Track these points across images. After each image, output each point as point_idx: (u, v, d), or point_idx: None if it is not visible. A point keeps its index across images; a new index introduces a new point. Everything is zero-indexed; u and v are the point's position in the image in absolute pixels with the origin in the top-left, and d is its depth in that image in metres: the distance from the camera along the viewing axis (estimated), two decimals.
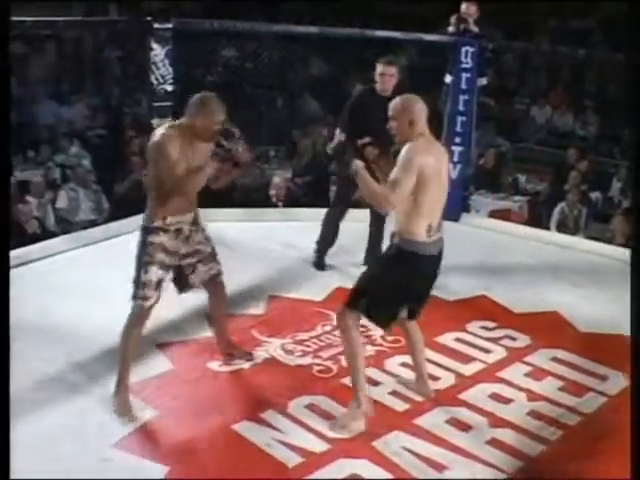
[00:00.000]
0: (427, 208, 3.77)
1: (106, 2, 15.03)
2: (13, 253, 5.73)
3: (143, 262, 3.95)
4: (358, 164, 3.84)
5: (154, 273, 3.94)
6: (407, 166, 3.68)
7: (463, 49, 6.93)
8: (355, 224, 5.90)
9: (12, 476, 2.91)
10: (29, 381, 4.17)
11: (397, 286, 3.86)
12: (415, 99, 3.89)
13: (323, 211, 6.02)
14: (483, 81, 7.24)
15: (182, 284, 4.18)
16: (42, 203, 8.25)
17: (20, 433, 3.65)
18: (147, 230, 3.98)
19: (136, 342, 4.03)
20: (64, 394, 4.12)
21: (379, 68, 5.55)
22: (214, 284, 4.27)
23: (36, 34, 12.39)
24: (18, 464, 3.06)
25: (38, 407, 3.97)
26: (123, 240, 6.22)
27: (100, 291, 5.17)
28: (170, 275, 4.09)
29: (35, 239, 6.57)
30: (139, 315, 3.98)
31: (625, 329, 5.04)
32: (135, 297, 3.96)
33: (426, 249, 3.82)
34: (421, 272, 3.90)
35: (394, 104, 3.87)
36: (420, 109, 3.83)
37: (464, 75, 6.99)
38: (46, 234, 7.24)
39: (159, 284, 3.98)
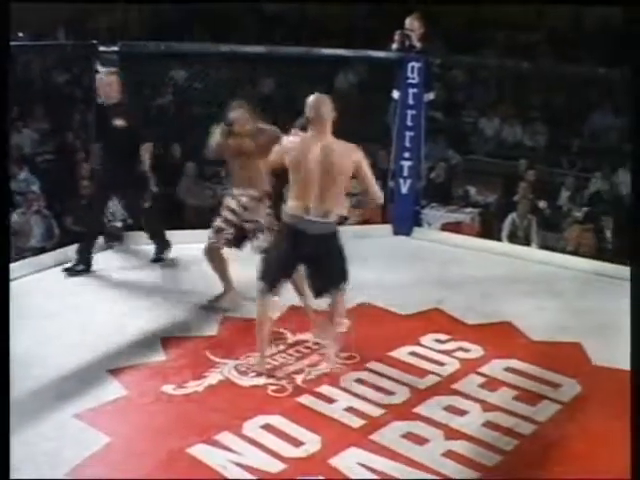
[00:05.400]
0: (299, 191, 4.32)
1: (55, 26, 14.95)
2: None
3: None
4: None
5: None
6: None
7: (409, 65, 7.00)
8: None
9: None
10: None
11: (277, 253, 4.50)
12: (318, 100, 4.36)
13: None
14: (430, 96, 7.31)
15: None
16: None
17: None
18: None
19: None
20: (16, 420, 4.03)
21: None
22: None
23: None
24: None
25: None
26: None
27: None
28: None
29: None
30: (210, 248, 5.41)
31: (577, 336, 5.14)
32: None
33: (301, 225, 4.32)
34: (297, 244, 4.37)
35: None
36: (317, 108, 4.31)
37: (411, 91, 7.06)
38: None
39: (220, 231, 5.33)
